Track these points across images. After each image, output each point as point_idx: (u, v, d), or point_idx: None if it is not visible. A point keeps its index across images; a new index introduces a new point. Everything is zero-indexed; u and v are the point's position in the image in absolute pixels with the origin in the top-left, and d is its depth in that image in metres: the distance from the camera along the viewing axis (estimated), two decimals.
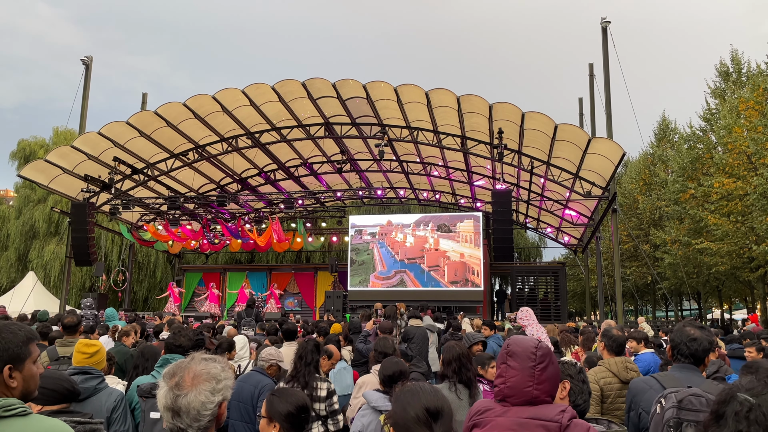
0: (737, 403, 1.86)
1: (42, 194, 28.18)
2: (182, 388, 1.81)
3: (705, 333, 3.06)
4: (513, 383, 2.20)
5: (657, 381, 2.96)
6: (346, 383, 5.68)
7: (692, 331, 3.05)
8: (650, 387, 2.96)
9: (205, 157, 19.49)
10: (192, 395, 1.80)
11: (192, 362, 1.88)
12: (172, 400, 1.80)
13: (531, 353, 2.20)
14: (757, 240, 18.30)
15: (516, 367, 2.20)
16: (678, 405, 2.40)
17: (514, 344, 2.28)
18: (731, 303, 35.19)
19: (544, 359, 2.20)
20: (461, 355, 4.01)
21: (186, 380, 1.82)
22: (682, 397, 2.42)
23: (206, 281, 25.43)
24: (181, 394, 1.80)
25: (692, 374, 2.97)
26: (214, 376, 1.86)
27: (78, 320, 6.20)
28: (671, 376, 2.96)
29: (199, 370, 1.85)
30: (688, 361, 2.99)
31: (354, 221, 21.92)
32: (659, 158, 29.23)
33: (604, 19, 16.83)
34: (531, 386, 2.16)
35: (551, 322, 15.84)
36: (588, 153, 15.43)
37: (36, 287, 20.93)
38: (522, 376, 2.18)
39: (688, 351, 2.99)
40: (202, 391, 1.81)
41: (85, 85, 19.21)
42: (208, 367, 1.88)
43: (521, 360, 2.20)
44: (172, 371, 1.86)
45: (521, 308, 7.65)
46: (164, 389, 1.83)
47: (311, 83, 16.13)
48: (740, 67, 24.11)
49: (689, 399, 2.40)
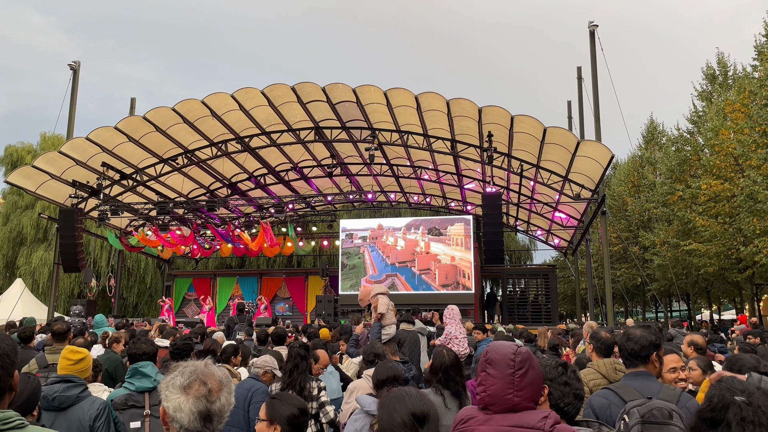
0: (738, 407, 1.83)
1: (30, 200, 27.93)
2: (214, 394, 1.88)
3: (646, 331, 3.08)
4: (493, 391, 2.17)
5: (616, 394, 2.92)
6: (332, 387, 5.68)
7: (631, 331, 3.09)
8: (611, 402, 2.90)
9: (195, 161, 19.41)
10: (223, 399, 1.90)
11: (209, 368, 1.95)
12: (206, 407, 1.85)
13: (510, 360, 2.17)
14: (744, 241, 18.47)
15: (495, 374, 2.18)
16: (642, 420, 2.38)
17: (493, 351, 2.25)
18: (720, 304, 35.47)
19: (523, 365, 2.17)
20: (450, 366, 3.92)
21: (215, 386, 1.90)
22: (644, 411, 2.40)
23: (196, 287, 25.29)
24: (215, 400, 1.87)
25: (647, 380, 2.97)
26: (229, 379, 1.98)
27: (67, 327, 6.16)
28: (627, 386, 2.92)
29: (221, 375, 1.95)
30: (632, 364, 3.02)
31: (345, 225, 21.89)
32: (647, 160, 29.46)
33: (592, 22, 16.96)
34: (511, 393, 2.14)
35: (542, 325, 15.90)
36: (577, 156, 15.52)
37: (24, 294, 20.72)
38: (502, 384, 2.15)
39: (626, 352, 3.04)
40: (225, 395, 1.92)
41: (72, 90, 19.10)
42: (223, 371, 1.99)
43: (500, 367, 2.18)
44: (196, 379, 1.89)
45: (448, 306, 7.63)
46: (188, 399, 1.85)
47: (301, 87, 16.12)
48: (726, 70, 24.39)
49: (651, 413, 2.38)
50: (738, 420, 1.78)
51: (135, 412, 3.66)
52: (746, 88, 18.06)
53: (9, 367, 1.81)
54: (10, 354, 1.81)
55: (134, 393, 3.77)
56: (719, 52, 24.82)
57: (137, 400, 3.70)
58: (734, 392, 1.85)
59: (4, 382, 1.80)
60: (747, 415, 1.77)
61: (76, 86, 19.19)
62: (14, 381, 1.84)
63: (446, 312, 7.56)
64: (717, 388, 1.94)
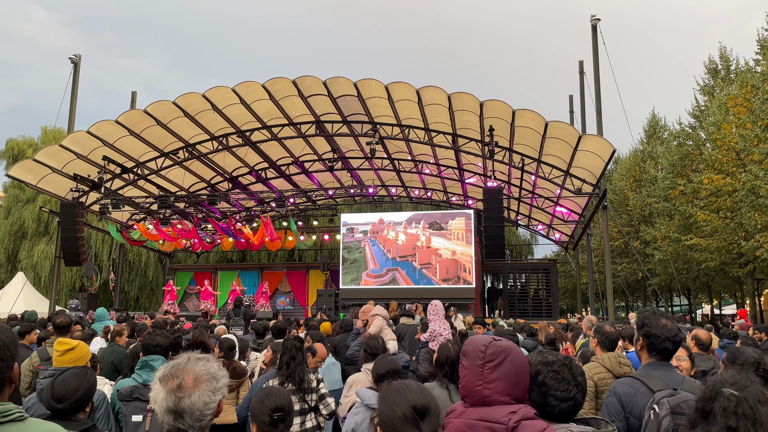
0: (724, 399, 1.87)
1: (31, 194, 27.95)
2: (184, 389, 1.81)
3: (680, 329, 3.08)
4: (465, 383, 2.17)
5: (642, 383, 2.90)
6: (334, 378, 5.71)
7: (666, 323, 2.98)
8: (637, 390, 2.88)
9: (196, 155, 19.39)
10: (195, 396, 1.81)
11: (189, 363, 1.88)
12: (174, 403, 1.80)
13: (480, 351, 2.14)
14: (745, 236, 18.45)
15: (467, 366, 2.17)
16: (672, 411, 2.39)
17: (468, 343, 2.24)
18: (721, 299, 35.48)
19: (494, 357, 2.11)
20: (456, 360, 3.90)
21: (188, 382, 1.82)
22: (674, 403, 2.41)
23: (197, 280, 25.32)
24: (184, 395, 1.80)
25: (671, 371, 2.96)
26: (213, 375, 1.88)
27: (69, 321, 6.19)
28: (653, 376, 2.90)
29: (199, 371, 1.86)
30: (661, 357, 2.96)
31: (345, 219, 21.89)
32: (649, 155, 29.42)
33: (594, 16, 16.90)
34: (480, 385, 2.10)
35: (543, 319, 15.91)
36: (578, 150, 15.49)
37: (25, 288, 20.76)
38: (472, 375, 2.14)
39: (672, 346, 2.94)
40: (204, 392, 1.83)
41: (73, 84, 19.08)
42: (207, 367, 1.89)
43: (471, 359, 2.16)
44: (171, 373, 1.85)
45: (432, 301, 7.58)
46: (162, 392, 1.82)
47: (302, 81, 16.08)
48: (729, 64, 24.31)
49: (679, 405, 2.39)
50: (721, 410, 1.84)
51: (138, 405, 3.67)
52: (749, 83, 18.00)
53: (9, 359, 1.81)
54: (9, 346, 1.81)
55: (140, 386, 3.77)
56: (722, 47, 24.75)
57: (142, 393, 3.70)
58: (724, 384, 1.90)
59: (3, 374, 1.79)
60: (729, 406, 1.83)
61: (77, 80, 19.17)
62: (14, 373, 1.84)
63: (429, 308, 7.50)
64: (711, 381, 1.98)
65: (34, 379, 5.39)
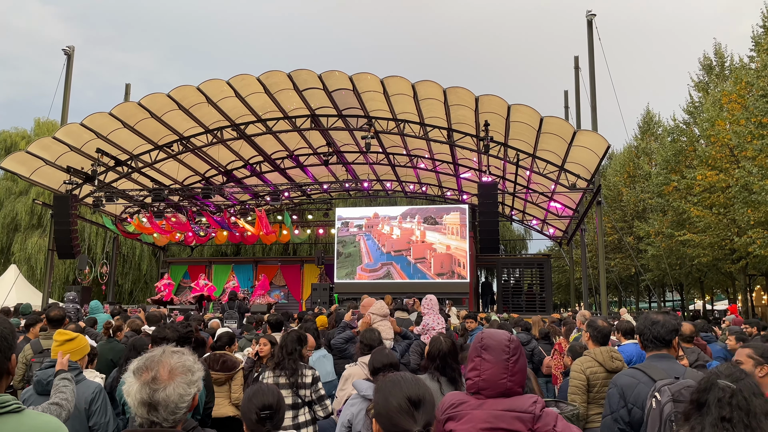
0: (719, 390, 1.90)
1: (24, 186, 27.79)
2: (159, 382, 1.80)
3: (669, 317, 3.17)
4: (487, 376, 2.27)
5: (644, 373, 2.98)
6: (326, 370, 5.73)
7: (654, 316, 3.19)
8: (639, 381, 2.97)
9: (190, 148, 19.32)
10: (170, 389, 1.80)
11: (164, 356, 1.87)
12: (148, 395, 1.78)
13: (505, 346, 2.30)
14: (738, 232, 18.55)
15: (491, 360, 2.28)
16: (673, 398, 2.45)
17: (488, 338, 2.35)
18: (713, 294, 35.72)
19: (516, 351, 2.30)
20: (447, 353, 3.90)
21: (162, 374, 1.81)
22: (675, 390, 2.47)
23: (191, 274, 25.28)
24: (158, 388, 1.79)
25: (672, 362, 3.05)
26: (189, 368, 1.87)
27: (63, 314, 6.17)
28: (655, 367, 2.98)
29: (174, 364, 1.85)
30: (655, 347, 3.09)
31: (340, 213, 21.88)
32: (643, 151, 29.51)
33: (590, 11, 16.89)
34: (505, 378, 2.25)
35: (536, 314, 15.97)
36: (573, 145, 15.52)
37: (18, 280, 20.67)
38: (496, 369, 2.27)
39: (651, 335, 3.10)
40: (179, 384, 1.82)
41: (67, 75, 18.94)
42: (182, 359, 1.88)
43: (496, 353, 2.28)
44: (145, 365, 1.84)
45: (426, 295, 7.64)
46: (136, 384, 1.81)
47: (297, 75, 16.03)
48: (723, 61, 24.36)
49: (681, 392, 2.45)
50: (716, 401, 1.88)
51: None
52: (743, 79, 18.05)
53: (6, 350, 1.81)
54: (7, 337, 1.81)
55: None
56: (716, 43, 24.80)
57: None
58: (720, 376, 1.94)
59: (1, 365, 1.80)
60: (724, 397, 1.87)
61: (71, 71, 19.03)
62: (11, 365, 1.84)
63: (424, 302, 7.61)
64: (707, 373, 2.01)
65: (27, 372, 5.38)
